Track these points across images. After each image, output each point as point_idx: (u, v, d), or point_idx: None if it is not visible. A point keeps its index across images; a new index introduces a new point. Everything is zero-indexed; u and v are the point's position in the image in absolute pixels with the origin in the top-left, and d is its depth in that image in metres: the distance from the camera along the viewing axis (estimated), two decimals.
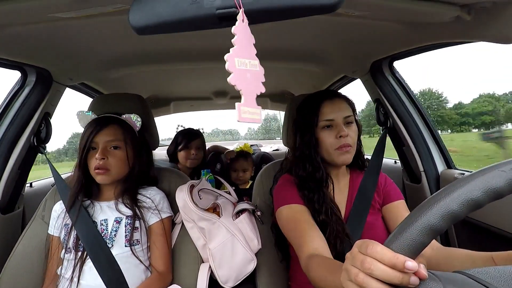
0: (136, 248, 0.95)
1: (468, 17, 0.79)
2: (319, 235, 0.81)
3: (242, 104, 0.51)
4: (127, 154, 0.99)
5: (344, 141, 0.89)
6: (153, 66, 1.44)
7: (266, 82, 0.54)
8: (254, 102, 0.53)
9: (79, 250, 0.92)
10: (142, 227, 0.97)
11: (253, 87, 0.53)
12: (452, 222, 0.38)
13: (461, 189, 0.38)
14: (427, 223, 0.37)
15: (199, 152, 1.93)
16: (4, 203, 1.17)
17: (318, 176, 0.92)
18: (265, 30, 1.02)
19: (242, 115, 0.51)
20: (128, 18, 0.57)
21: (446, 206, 0.38)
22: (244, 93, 0.52)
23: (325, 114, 0.93)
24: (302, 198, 0.91)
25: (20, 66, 1.14)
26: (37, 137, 1.24)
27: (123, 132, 1.00)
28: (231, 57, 0.51)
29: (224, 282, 0.98)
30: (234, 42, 0.51)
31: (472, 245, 1.20)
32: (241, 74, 0.52)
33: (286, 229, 0.89)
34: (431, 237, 0.38)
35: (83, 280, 0.88)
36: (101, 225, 0.95)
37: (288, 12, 0.56)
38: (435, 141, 1.40)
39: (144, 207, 0.99)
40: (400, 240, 0.38)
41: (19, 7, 0.71)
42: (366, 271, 0.38)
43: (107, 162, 0.95)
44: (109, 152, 0.96)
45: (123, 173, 1.00)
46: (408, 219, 0.39)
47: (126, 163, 0.99)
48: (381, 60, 1.31)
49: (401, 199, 0.97)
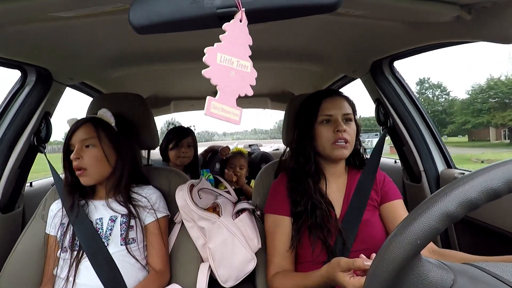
0: (132, 246, 0.94)
1: (469, 17, 0.79)
2: (287, 254, 0.92)
3: (215, 99, 0.51)
4: (104, 151, 0.96)
5: (340, 135, 0.92)
6: (153, 66, 1.44)
7: (266, 81, 0.54)
8: (234, 101, 0.53)
9: (75, 249, 0.91)
10: (138, 226, 0.97)
11: (236, 87, 0.53)
12: (469, 211, 0.37)
13: (481, 177, 0.38)
14: (444, 209, 0.37)
15: (190, 150, 1.90)
16: (4, 202, 1.17)
17: (308, 168, 0.96)
18: (266, 29, 1.01)
19: (211, 109, 0.51)
20: (129, 17, 0.57)
21: (465, 193, 0.37)
22: (220, 90, 0.52)
23: (325, 110, 0.96)
24: (289, 198, 0.96)
25: (20, 66, 1.14)
26: (37, 137, 1.24)
27: (97, 130, 0.96)
28: (212, 51, 0.51)
29: (224, 281, 0.98)
30: (222, 38, 0.52)
31: (472, 244, 1.20)
32: (221, 70, 0.52)
33: (266, 236, 1.00)
34: (446, 223, 0.37)
35: (79, 280, 0.88)
36: (96, 224, 0.95)
37: (288, 12, 0.56)
38: (435, 141, 1.40)
39: (139, 206, 0.99)
40: (415, 224, 0.38)
41: (19, 6, 0.71)
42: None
43: (83, 162, 0.93)
44: (84, 151, 0.94)
45: (103, 171, 0.97)
46: (424, 205, 0.39)
47: (104, 161, 0.96)
48: (381, 60, 1.31)
49: (399, 199, 0.98)
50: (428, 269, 0.39)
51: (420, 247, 0.38)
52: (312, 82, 1.92)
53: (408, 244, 0.38)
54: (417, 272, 0.39)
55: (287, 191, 0.97)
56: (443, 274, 0.38)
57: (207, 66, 0.51)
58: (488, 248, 1.11)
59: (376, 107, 1.47)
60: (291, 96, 2.25)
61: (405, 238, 0.38)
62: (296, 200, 0.93)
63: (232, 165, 2.16)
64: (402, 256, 0.38)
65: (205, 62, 0.50)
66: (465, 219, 1.20)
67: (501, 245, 1.05)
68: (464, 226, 1.22)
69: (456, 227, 1.27)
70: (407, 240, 0.38)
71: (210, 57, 0.51)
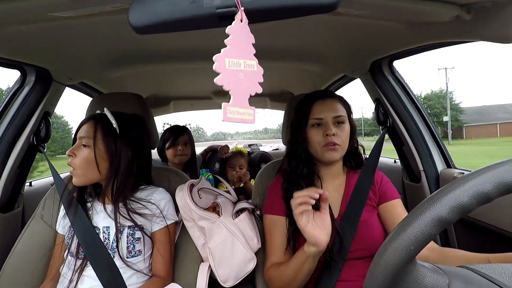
0: (138, 258, 0.92)
1: (468, 17, 0.79)
2: (284, 253, 0.93)
3: (229, 104, 0.52)
4: (95, 155, 0.90)
5: (330, 139, 0.93)
6: (152, 66, 1.44)
7: (265, 81, 0.54)
8: (246, 102, 0.53)
9: (80, 257, 0.89)
10: (145, 238, 0.94)
11: (246, 88, 0.53)
12: (461, 215, 0.38)
13: (472, 181, 0.38)
14: (436, 214, 0.37)
15: (187, 148, 1.90)
16: (3, 202, 1.17)
17: (300, 171, 0.97)
18: (265, 29, 1.01)
19: (228, 115, 0.52)
20: (128, 17, 0.57)
21: (456, 198, 0.37)
22: (233, 94, 0.52)
23: (315, 113, 0.97)
24: (284, 199, 0.97)
25: (20, 66, 1.14)
26: (36, 136, 1.24)
27: (95, 130, 0.91)
28: (221, 58, 0.51)
29: (223, 281, 0.98)
30: (227, 42, 0.52)
31: (471, 244, 1.20)
32: (231, 74, 0.52)
33: (264, 236, 1.01)
34: (438, 229, 0.38)
35: (81, 285, 0.87)
36: (103, 232, 0.92)
37: (288, 12, 0.56)
38: (434, 141, 1.40)
39: (146, 214, 0.95)
40: (408, 231, 0.38)
41: (19, 6, 0.71)
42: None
43: (74, 160, 0.89)
44: (79, 150, 0.91)
45: (91, 176, 0.91)
46: (416, 211, 0.39)
47: (93, 166, 0.90)
48: (380, 59, 1.31)
49: (398, 198, 0.98)
50: (423, 274, 0.40)
51: (415, 253, 0.38)
52: (312, 82, 1.92)
53: (403, 250, 0.38)
54: (412, 277, 0.39)
55: (282, 192, 0.98)
56: (438, 278, 0.39)
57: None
58: (487, 248, 1.12)
59: (376, 107, 1.47)
60: (291, 96, 2.26)
61: (399, 244, 0.38)
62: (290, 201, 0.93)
63: (232, 165, 2.16)
64: (396, 262, 0.38)
65: (215, 70, 0.50)
66: (464, 219, 1.20)
67: (500, 245, 1.05)
68: (464, 225, 1.22)
69: (455, 226, 1.27)
70: (401, 246, 0.38)
71: (219, 64, 0.51)
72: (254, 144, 3.44)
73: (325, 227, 0.77)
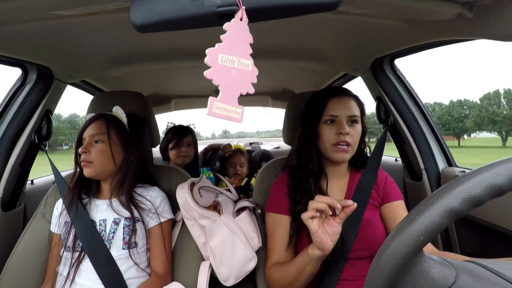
0: (134, 250, 0.94)
1: (470, 15, 0.78)
2: (286, 252, 0.92)
3: (217, 99, 0.52)
4: (111, 149, 0.97)
5: (343, 138, 0.90)
6: (154, 64, 1.44)
7: (267, 79, 0.54)
8: (235, 100, 0.53)
9: (77, 250, 0.91)
10: (141, 229, 0.96)
11: (237, 86, 0.53)
12: (473, 207, 0.37)
13: (486, 173, 0.37)
14: (448, 205, 0.37)
15: (190, 149, 1.88)
16: (5, 200, 1.18)
17: (309, 167, 0.95)
18: (266, 28, 1.01)
19: (214, 109, 0.52)
20: (129, 15, 0.57)
21: (469, 189, 0.37)
22: (222, 90, 0.52)
23: (330, 110, 0.94)
24: (289, 197, 0.96)
25: (21, 64, 1.14)
26: (38, 134, 1.24)
27: (107, 126, 0.98)
28: (214, 52, 0.51)
29: (224, 280, 0.98)
30: (223, 38, 0.52)
31: (473, 243, 1.20)
32: (223, 70, 0.52)
33: (266, 234, 1.00)
34: (449, 220, 0.37)
35: (78, 279, 0.88)
36: (100, 225, 0.94)
37: (289, 10, 0.56)
38: (436, 139, 1.40)
39: (143, 208, 0.98)
40: (419, 220, 0.38)
41: (20, 4, 0.71)
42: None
43: (90, 156, 0.95)
44: (92, 146, 0.96)
45: (108, 168, 0.98)
46: (427, 200, 0.39)
47: (109, 158, 0.97)
48: (382, 58, 1.30)
49: (401, 199, 0.98)
50: (430, 266, 0.39)
51: (423, 243, 0.37)
52: (313, 80, 1.92)
53: (411, 240, 0.37)
54: (419, 269, 0.39)
55: (288, 190, 0.97)
56: (445, 271, 0.38)
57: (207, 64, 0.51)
58: (489, 247, 1.11)
59: (377, 105, 1.46)
60: (292, 94, 2.26)
61: (408, 234, 0.38)
62: (296, 199, 0.93)
63: (232, 163, 2.16)
64: (404, 252, 0.38)
65: (207, 63, 0.51)
66: (465, 218, 1.20)
67: (502, 244, 1.05)
68: (465, 224, 1.22)
69: (456, 225, 1.27)
70: (410, 236, 0.37)
71: (211, 58, 0.51)
72: (255, 142, 3.44)
73: (333, 236, 0.74)
